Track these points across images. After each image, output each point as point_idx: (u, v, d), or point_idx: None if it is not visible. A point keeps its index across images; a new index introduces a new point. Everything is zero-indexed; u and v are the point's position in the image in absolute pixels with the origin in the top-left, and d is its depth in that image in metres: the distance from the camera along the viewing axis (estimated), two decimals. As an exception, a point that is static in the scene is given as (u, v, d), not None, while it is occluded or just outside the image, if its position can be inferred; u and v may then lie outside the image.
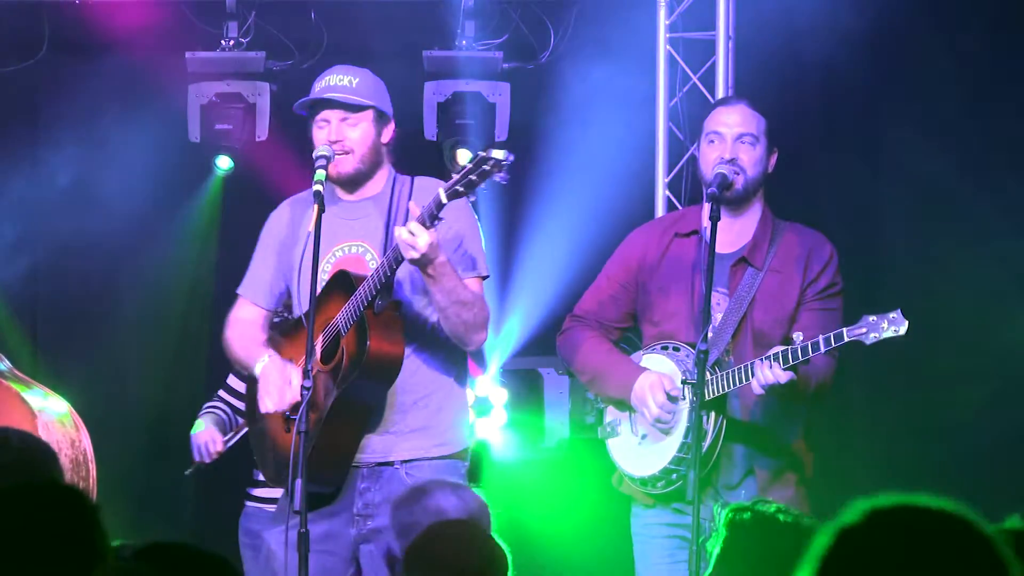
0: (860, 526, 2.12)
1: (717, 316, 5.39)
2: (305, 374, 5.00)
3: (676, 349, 5.43)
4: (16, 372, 5.87)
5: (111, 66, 7.97)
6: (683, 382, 5.32)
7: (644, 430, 5.47)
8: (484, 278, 5.39)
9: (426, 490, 4.48)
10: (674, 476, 5.37)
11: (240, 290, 5.57)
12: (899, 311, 4.98)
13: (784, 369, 5.07)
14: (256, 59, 7.49)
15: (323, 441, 5.14)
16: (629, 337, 5.79)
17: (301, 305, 5.40)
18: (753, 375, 5.13)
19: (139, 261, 7.97)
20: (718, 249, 5.31)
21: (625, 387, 5.45)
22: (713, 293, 5.34)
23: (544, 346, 7.49)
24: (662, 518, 5.44)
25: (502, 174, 4.99)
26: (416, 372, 5.32)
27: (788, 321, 5.34)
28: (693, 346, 5.27)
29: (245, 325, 5.51)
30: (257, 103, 7.42)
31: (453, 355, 5.38)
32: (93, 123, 7.97)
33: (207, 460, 6.57)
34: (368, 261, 5.31)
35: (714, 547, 3.77)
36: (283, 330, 5.53)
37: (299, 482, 4.94)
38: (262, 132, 7.43)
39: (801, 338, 5.04)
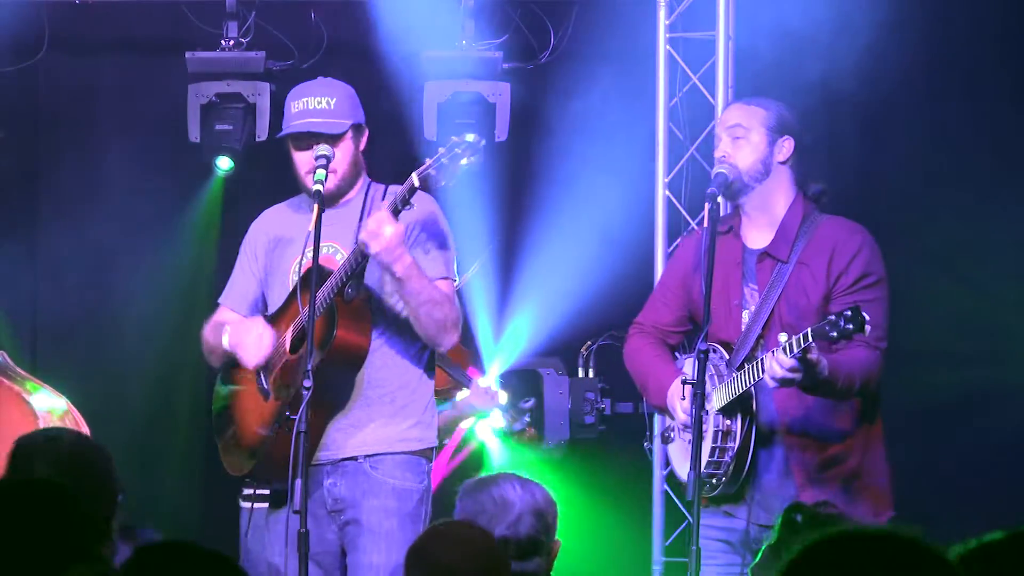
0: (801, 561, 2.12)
1: (751, 310, 5.40)
2: (306, 374, 5.01)
3: (712, 351, 5.41)
4: (17, 369, 5.87)
5: (111, 66, 7.97)
6: (683, 381, 5.32)
7: (688, 435, 5.48)
8: (453, 282, 5.44)
9: (494, 480, 4.43)
10: (713, 481, 5.36)
11: (221, 299, 5.68)
12: (851, 311, 4.95)
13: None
14: (256, 59, 7.48)
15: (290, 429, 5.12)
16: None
17: (271, 309, 5.51)
18: (764, 370, 5.13)
19: (139, 261, 7.96)
20: (748, 244, 5.44)
21: (661, 395, 5.49)
22: (746, 288, 5.41)
23: (544, 347, 7.48)
24: (713, 521, 5.44)
25: (473, 159, 5.01)
26: (383, 367, 5.38)
27: (815, 315, 5.28)
28: (725, 345, 5.35)
29: (220, 323, 5.59)
30: (257, 103, 7.43)
31: (422, 349, 5.42)
32: (93, 123, 7.96)
33: None
34: (338, 260, 5.36)
35: (767, 543, 3.79)
36: None
37: (299, 482, 4.95)
38: (262, 132, 7.43)
39: (785, 338, 5.05)
